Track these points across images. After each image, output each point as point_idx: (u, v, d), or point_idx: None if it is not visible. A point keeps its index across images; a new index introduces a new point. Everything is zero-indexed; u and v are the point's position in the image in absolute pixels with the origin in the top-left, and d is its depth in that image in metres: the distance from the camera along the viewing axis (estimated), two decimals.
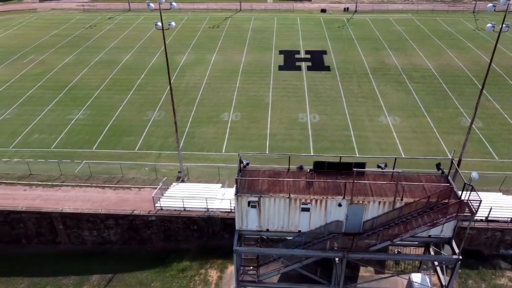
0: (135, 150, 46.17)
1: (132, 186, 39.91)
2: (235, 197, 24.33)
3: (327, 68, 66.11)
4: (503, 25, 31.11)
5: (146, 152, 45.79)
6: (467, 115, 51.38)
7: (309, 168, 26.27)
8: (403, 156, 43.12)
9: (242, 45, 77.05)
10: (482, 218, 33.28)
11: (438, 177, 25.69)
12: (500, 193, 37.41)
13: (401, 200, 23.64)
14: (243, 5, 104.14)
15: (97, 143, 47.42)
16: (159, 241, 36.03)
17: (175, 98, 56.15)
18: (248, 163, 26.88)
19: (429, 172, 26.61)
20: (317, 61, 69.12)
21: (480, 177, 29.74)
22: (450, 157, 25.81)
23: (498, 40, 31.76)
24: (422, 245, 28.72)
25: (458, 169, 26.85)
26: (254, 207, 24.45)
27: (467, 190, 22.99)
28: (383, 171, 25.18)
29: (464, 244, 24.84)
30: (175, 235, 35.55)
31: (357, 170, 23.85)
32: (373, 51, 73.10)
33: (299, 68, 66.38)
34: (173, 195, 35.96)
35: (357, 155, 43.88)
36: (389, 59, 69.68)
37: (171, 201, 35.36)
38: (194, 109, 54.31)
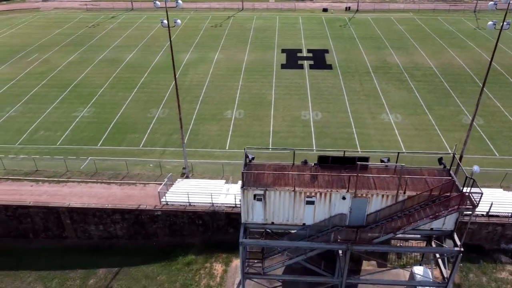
0: (140, 147, 46.69)
1: (137, 182, 40.40)
2: (241, 190, 24.85)
3: (329, 67, 66.60)
4: (504, 22, 31.60)
5: (150, 149, 46.30)
6: (468, 112, 51.87)
7: (314, 162, 26.79)
8: (405, 153, 43.54)
9: (245, 44, 77.57)
10: (483, 213, 33.76)
11: (440, 171, 26.21)
12: (501, 189, 37.90)
13: (404, 193, 24.16)
14: (245, 4, 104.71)
15: (102, 140, 47.96)
16: (164, 235, 36.55)
17: (179, 96, 57.07)
18: (254, 158, 27.40)
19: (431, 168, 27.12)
20: (319, 59, 69.62)
21: (481, 174, 30.21)
22: (452, 152, 26.30)
23: (499, 37, 32.25)
24: (424, 239, 29.19)
25: (460, 164, 27.32)
26: (260, 200, 24.97)
27: (468, 183, 23.50)
28: (386, 164, 25.68)
29: (465, 238, 25.32)
30: (180, 230, 36.06)
31: (361, 163, 24.34)
32: (374, 50, 73.59)
33: (301, 67, 66.88)
34: (178, 191, 36.47)
35: (360, 151, 44.39)
36: (391, 57, 70.17)
37: (176, 196, 35.88)
38: (198, 106, 54.84)
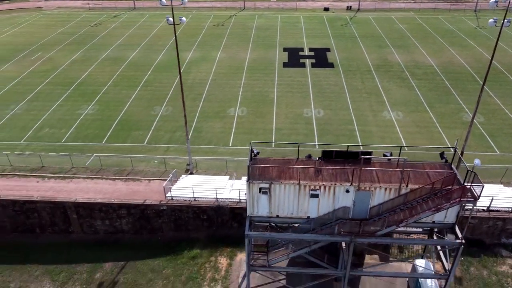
0: (144, 144, 47.19)
1: (142, 178, 40.91)
2: (246, 183, 25.34)
3: (330, 65, 67.11)
4: (504, 20, 32.12)
5: (154, 145, 46.80)
6: (469, 110, 52.34)
7: (318, 156, 27.30)
8: (406, 150, 44.03)
9: (247, 43, 78.07)
10: (484, 208, 34.27)
11: (442, 165, 26.70)
12: (501, 185, 38.47)
13: (407, 186, 24.65)
14: (246, 3, 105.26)
15: (106, 137, 48.46)
16: (169, 230, 37.05)
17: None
18: (259, 152, 27.90)
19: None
20: (321, 58, 70.13)
21: (481, 170, 30.73)
22: (454, 146, 26.80)
23: (499, 35, 32.77)
24: (426, 233, 29.66)
25: (461, 158, 27.81)
26: (265, 193, 25.45)
27: (469, 176, 24.01)
28: (389, 157, 26.18)
29: (466, 233, 25.79)
30: (185, 225, 36.57)
31: (364, 157, 24.83)
32: (376, 49, 74.09)
33: (303, 65, 67.39)
34: (183, 186, 36.98)
35: (361, 146, 44.90)
36: (392, 56, 70.66)
37: (181, 191, 36.39)
38: (201, 104, 55.33)
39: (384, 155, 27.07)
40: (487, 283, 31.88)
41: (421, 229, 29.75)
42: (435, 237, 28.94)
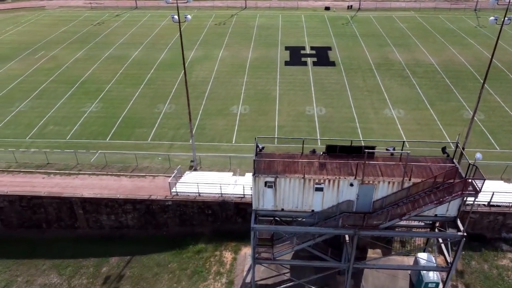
0: (148, 141, 47.67)
1: (147, 174, 41.34)
2: (252, 177, 25.82)
3: (332, 64, 67.62)
4: (505, 18, 32.62)
5: (158, 142, 47.28)
6: (469, 108, 52.85)
7: (322, 151, 27.79)
8: (408, 146, 44.48)
9: (248, 42, 78.57)
10: (485, 203, 34.77)
11: (444, 160, 27.19)
12: (502, 181, 38.93)
13: (409, 180, 25.15)
14: (248, 2, 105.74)
15: (110, 134, 48.95)
16: (174, 225, 37.53)
17: (185, 92, 57.98)
18: (264, 147, 28.38)
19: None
20: (322, 56, 70.63)
21: (482, 166, 31.01)
22: (455, 141, 27.31)
23: (500, 32, 33.25)
24: (428, 227, 30.17)
25: (463, 153, 28.27)
26: (271, 187, 25.94)
27: (471, 170, 24.52)
28: (392, 151, 26.70)
29: (467, 227, 26.21)
30: (190, 220, 37.05)
31: (368, 150, 25.32)
32: (377, 47, 74.60)
33: (305, 64, 67.89)
34: (188, 181, 37.47)
35: (363, 141, 45.36)
36: (393, 55, 71.17)
37: (186, 187, 36.88)
38: (204, 102, 55.82)
39: (387, 150, 27.57)
40: (488, 276, 32.40)
41: (423, 223, 30.31)
42: (436, 231, 29.46)
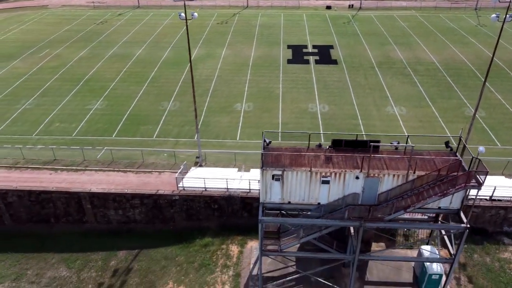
0: (153, 137, 48.24)
1: (153, 170, 41.90)
2: (260, 171, 26.41)
3: (334, 62, 68.21)
4: (506, 15, 33.20)
5: (164, 139, 47.84)
6: (471, 105, 53.47)
7: (328, 145, 28.38)
8: (410, 143, 45.07)
9: (251, 40, 79.15)
10: (487, 198, 35.37)
11: (447, 154, 27.79)
12: (503, 177, 39.50)
13: (414, 173, 25.74)
14: (250, 1, 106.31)
15: (116, 131, 49.50)
16: (181, 220, 38.09)
17: (189, 90, 58.53)
18: (271, 142, 28.97)
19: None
20: (325, 55, 71.23)
21: (484, 162, 31.62)
22: (459, 135, 27.91)
23: (502, 29, 33.83)
24: (432, 220, 30.75)
25: (464, 149, 28.86)
26: (278, 180, 26.52)
27: (474, 163, 25.13)
28: (397, 145, 27.29)
29: (469, 221, 26.69)
30: (196, 214, 37.62)
31: (374, 144, 25.90)
32: (378, 46, 75.22)
33: (307, 62, 68.48)
34: (194, 177, 38.03)
35: (365, 135, 46.02)
36: (394, 53, 71.79)
37: (192, 182, 37.44)
38: (208, 99, 56.39)
39: (392, 144, 28.17)
40: (490, 269, 33.02)
41: (426, 217, 30.89)
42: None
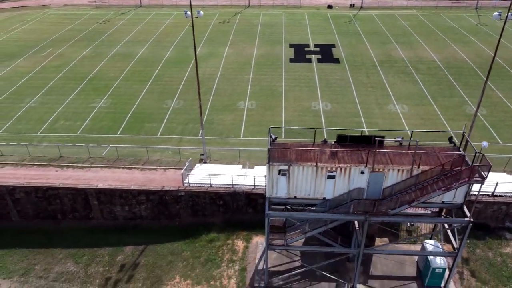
0: (158, 135, 48.62)
1: (158, 167, 42.28)
2: (267, 166, 26.84)
3: (336, 60, 68.66)
4: (508, 13, 33.65)
5: (168, 137, 48.23)
6: (472, 103, 53.93)
7: (333, 140, 28.82)
8: (412, 138, 45.52)
9: (253, 39, 79.58)
10: (489, 193, 35.81)
11: (451, 149, 28.22)
12: (505, 173, 39.95)
13: (418, 168, 26.17)
14: (251, 1, 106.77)
15: (120, 129, 49.88)
16: (187, 216, 38.51)
17: (192, 88, 59.13)
18: (277, 138, 29.41)
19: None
20: (326, 54, 71.69)
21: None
22: (462, 131, 28.35)
23: (504, 26, 34.28)
24: (435, 215, 31.17)
25: (468, 142, 29.28)
26: (284, 175, 26.96)
27: (477, 159, 25.56)
28: (400, 141, 27.74)
29: (472, 216, 27.06)
30: (202, 210, 38.05)
31: (378, 139, 26.34)
32: (380, 45, 75.67)
33: (309, 60, 68.93)
34: (200, 173, 38.44)
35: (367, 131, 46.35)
36: (396, 52, 72.25)
37: (198, 178, 37.85)
38: (211, 98, 56.79)
39: (396, 140, 28.63)
40: (492, 263, 33.48)
41: (429, 212, 31.30)
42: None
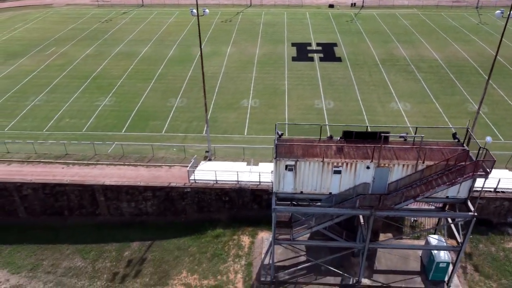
0: (162, 133, 49.02)
1: (163, 164, 42.72)
2: (274, 161, 27.27)
3: (338, 59, 69.09)
4: (510, 12, 34.08)
5: (172, 134, 48.61)
6: (473, 101, 54.38)
7: (339, 136, 29.25)
8: (414, 135, 45.99)
9: (255, 38, 80.00)
10: (491, 190, 36.25)
11: (455, 144, 28.66)
12: (506, 170, 40.42)
13: (423, 163, 26.60)
14: (253, 0, 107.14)
15: (125, 127, 50.27)
16: (193, 212, 38.92)
17: (195, 87, 59.63)
18: (283, 134, 29.81)
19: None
20: (329, 52, 72.12)
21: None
22: (466, 127, 28.78)
23: (506, 25, 34.71)
24: (439, 210, 31.59)
25: (472, 137, 29.71)
26: (291, 170, 27.38)
27: (481, 154, 26.00)
28: (405, 137, 28.18)
29: (474, 212, 27.60)
30: (207, 206, 38.46)
31: (384, 135, 26.77)
32: (381, 44, 76.11)
33: (311, 59, 69.36)
34: (205, 169, 38.88)
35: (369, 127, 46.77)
36: (397, 51, 72.69)
37: (203, 174, 38.28)
38: (214, 96, 57.19)
39: (401, 137, 29.07)
40: (495, 258, 33.93)
41: (433, 207, 31.73)
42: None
